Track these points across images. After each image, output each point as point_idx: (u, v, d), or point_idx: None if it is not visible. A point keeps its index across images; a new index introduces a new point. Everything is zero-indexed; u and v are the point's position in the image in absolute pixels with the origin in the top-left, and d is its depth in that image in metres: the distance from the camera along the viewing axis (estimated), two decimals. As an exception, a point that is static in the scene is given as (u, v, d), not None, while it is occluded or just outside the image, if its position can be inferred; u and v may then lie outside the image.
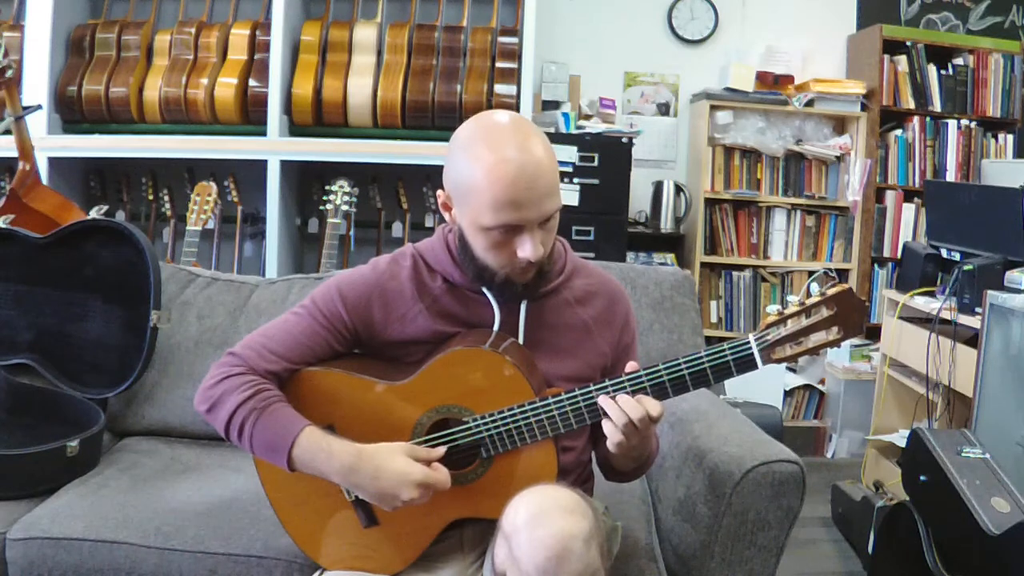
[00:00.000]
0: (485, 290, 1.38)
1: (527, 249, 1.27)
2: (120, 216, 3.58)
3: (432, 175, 3.52)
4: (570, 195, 3.35)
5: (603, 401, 1.26)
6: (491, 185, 1.23)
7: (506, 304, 1.39)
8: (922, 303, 2.82)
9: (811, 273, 3.91)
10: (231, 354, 1.36)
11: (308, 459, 1.27)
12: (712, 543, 1.51)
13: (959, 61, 3.83)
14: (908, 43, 3.77)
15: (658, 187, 3.88)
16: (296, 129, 3.42)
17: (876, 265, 3.91)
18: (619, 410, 1.25)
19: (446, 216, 1.36)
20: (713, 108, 3.82)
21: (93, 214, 2.22)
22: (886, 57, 3.76)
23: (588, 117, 3.77)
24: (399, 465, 1.26)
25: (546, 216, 1.27)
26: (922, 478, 2.09)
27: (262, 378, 1.33)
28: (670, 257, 3.85)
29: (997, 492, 1.90)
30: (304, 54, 3.42)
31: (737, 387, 3.31)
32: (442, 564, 1.39)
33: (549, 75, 3.78)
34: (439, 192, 1.35)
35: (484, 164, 1.24)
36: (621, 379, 1.28)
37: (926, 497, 2.10)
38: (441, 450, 1.30)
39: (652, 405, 1.25)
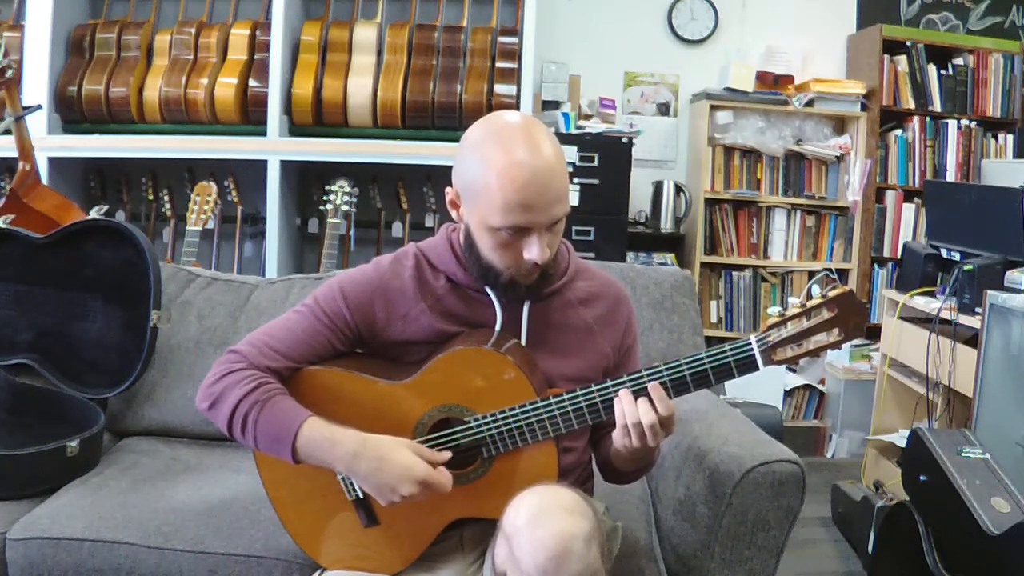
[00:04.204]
0: (488, 290, 1.38)
1: (534, 252, 1.27)
2: (120, 216, 3.58)
3: (432, 175, 3.52)
4: (570, 195, 3.34)
5: (622, 394, 1.26)
6: (502, 187, 1.23)
7: (509, 304, 1.39)
8: (922, 303, 2.82)
9: (811, 273, 3.91)
10: (232, 351, 1.37)
11: (312, 448, 1.27)
12: (712, 543, 1.51)
13: (959, 61, 3.84)
14: (908, 43, 3.77)
15: (658, 187, 3.88)
16: (296, 129, 3.42)
17: (876, 265, 3.91)
18: (633, 409, 1.25)
19: (453, 214, 1.37)
20: (713, 108, 3.82)
21: (93, 214, 2.22)
22: (886, 57, 3.76)
23: (588, 117, 3.76)
24: (403, 458, 1.26)
25: (555, 220, 1.28)
26: (922, 478, 2.09)
27: (264, 373, 1.33)
28: (670, 257, 3.85)
29: (997, 492, 1.90)
30: (304, 54, 3.42)
31: (737, 387, 3.31)
32: (442, 564, 1.39)
33: (549, 75, 3.78)
34: (447, 189, 1.35)
35: (496, 166, 1.24)
36: (623, 379, 1.28)
37: (926, 497, 2.10)
38: (447, 455, 1.30)
39: (663, 406, 1.25)
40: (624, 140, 3.48)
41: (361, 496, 1.34)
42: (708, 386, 1.28)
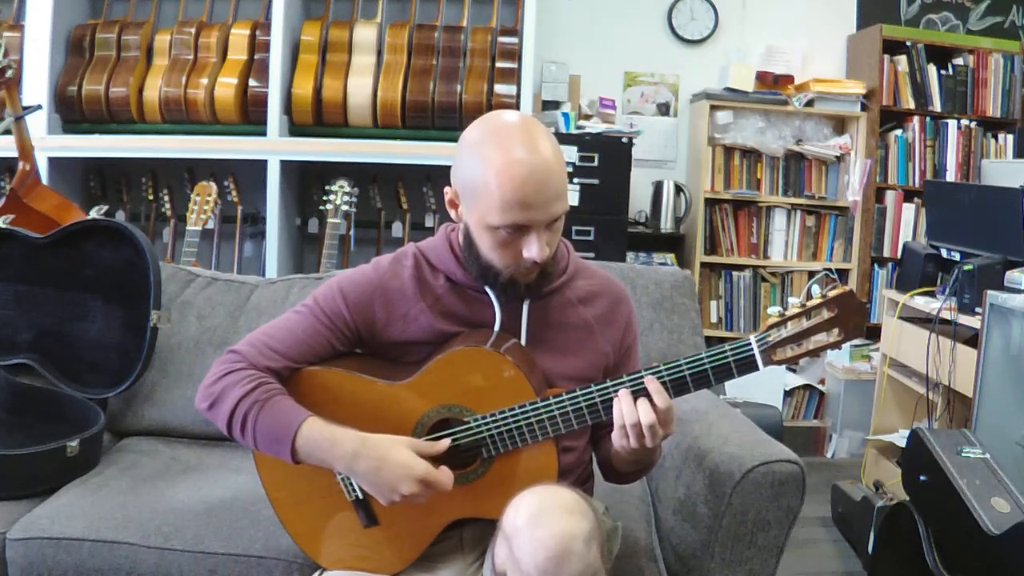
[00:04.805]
0: (488, 289, 1.38)
1: (533, 250, 1.27)
2: (120, 216, 3.58)
3: (432, 175, 3.52)
4: (570, 195, 3.32)
5: (621, 394, 1.26)
6: (501, 185, 1.23)
7: (508, 303, 1.39)
8: (922, 303, 2.83)
9: (811, 273, 3.91)
10: (232, 351, 1.37)
11: (312, 448, 1.27)
12: (712, 543, 1.51)
13: (959, 61, 3.84)
14: (908, 43, 3.77)
15: (658, 187, 3.88)
16: (296, 129, 3.42)
17: (876, 265, 3.91)
18: (631, 410, 1.24)
19: (452, 213, 1.37)
20: (713, 108, 3.82)
21: (93, 214, 2.22)
22: (886, 57, 3.76)
23: (588, 117, 3.76)
24: (402, 458, 1.26)
25: (554, 218, 1.28)
26: (922, 478, 2.09)
27: (263, 373, 1.33)
28: (670, 257, 3.85)
29: (997, 492, 1.90)
30: (304, 54, 3.42)
31: (737, 387, 3.31)
32: (442, 564, 1.39)
33: (549, 75, 3.78)
34: (446, 188, 1.36)
35: (495, 164, 1.24)
36: (623, 379, 1.28)
37: (926, 497, 2.10)
38: (445, 443, 1.30)
39: (660, 399, 1.25)
40: (624, 140, 3.48)
41: (361, 496, 1.34)
42: (708, 386, 1.28)
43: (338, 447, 1.26)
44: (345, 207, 2.92)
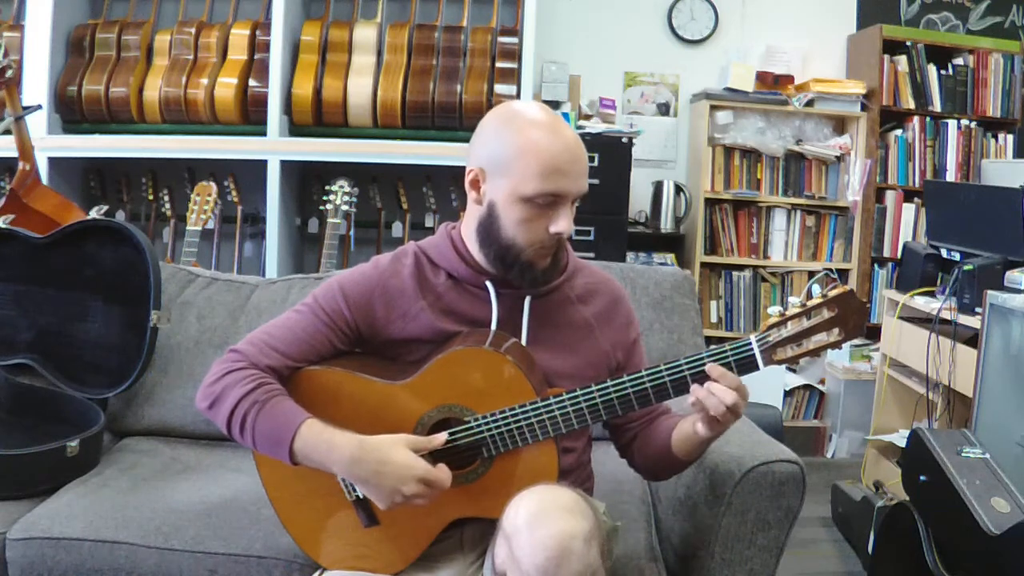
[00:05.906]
0: (488, 285, 1.39)
1: (561, 223, 1.31)
2: (120, 216, 3.58)
3: (432, 175, 3.52)
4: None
5: (712, 384, 1.25)
6: (539, 153, 1.28)
7: (509, 301, 1.39)
8: (922, 303, 2.83)
9: (811, 273, 3.90)
10: (233, 351, 1.37)
11: (310, 451, 1.27)
12: (712, 543, 1.51)
13: (959, 61, 3.83)
14: (908, 43, 3.77)
15: (658, 187, 3.88)
16: (296, 129, 3.42)
17: (876, 265, 3.91)
18: (724, 390, 1.24)
19: (472, 195, 1.37)
20: (713, 108, 3.82)
21: (93, 214, 2.22)
22: (886, 57, 3.76)
23: (588, 117, 3.76)
24: (402, 458, 1.26)
25: (582, 193, 1.34)
26: (922, 478, 2.09)
27: (264, 373, 1.33)
28: (670, 257, 3.85)
29: (997, 492, 1.90)
30: (304, 54, 3.42)
31: (737, 387, 3.30)
32: (442, 564, 1.39)
33: (549, 75, 3.78)
34: (468, 170, 1.37)
35: (532, 134, 1.30)
36: (623, 379, 1.28)
37: (926, 497, 2.10)
38: (443, 436, 1.30)
39: (731, 380, 1.25)
40: (624, 140, 3.48)
41: (361, 496, 1.34)
42: (708, 386, 1.28)
43: (336, 451, 1.26)
44: (345, 207, 2.92)
